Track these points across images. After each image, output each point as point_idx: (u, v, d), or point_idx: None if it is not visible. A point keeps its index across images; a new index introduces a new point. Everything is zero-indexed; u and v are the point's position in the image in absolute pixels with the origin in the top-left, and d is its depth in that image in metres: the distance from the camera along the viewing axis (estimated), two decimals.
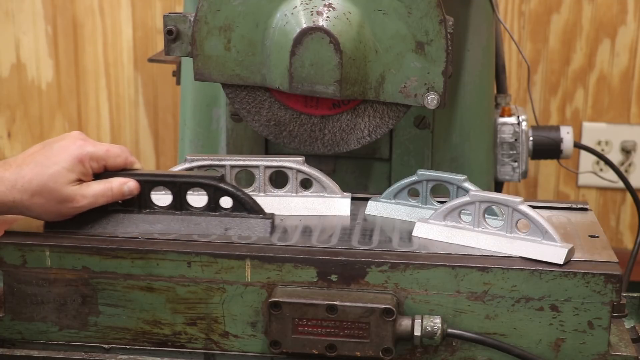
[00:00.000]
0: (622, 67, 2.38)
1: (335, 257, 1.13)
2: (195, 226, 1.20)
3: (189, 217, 1.20)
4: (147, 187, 1.20)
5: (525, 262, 1.12)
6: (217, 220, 1.20)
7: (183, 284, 1.15)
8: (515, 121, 1.70)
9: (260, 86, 1.26)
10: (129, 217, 1.20)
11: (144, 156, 2.56)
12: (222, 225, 1.19)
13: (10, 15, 2.47)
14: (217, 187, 1.19)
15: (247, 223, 1.20)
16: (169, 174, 1.21)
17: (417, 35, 1.20)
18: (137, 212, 1.20)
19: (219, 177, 1.19)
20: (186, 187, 1.20)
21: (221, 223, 1.20)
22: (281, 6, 1.21)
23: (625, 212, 2.50)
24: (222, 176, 1.20)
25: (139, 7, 2.45)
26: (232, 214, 1.20)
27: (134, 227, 1.20)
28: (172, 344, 1.17)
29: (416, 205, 1.28)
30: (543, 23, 2.37)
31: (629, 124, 2.42)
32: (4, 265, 1.17)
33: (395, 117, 1.27)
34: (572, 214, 1.33)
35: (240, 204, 1.20)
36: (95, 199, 1.16)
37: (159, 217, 1.20)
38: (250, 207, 1.20)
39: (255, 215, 1.20)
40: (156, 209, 1.21)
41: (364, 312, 1.10)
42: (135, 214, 1.20)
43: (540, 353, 1.12)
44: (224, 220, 1.20)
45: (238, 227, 1.19)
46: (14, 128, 2.56)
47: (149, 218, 1.20)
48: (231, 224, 1.20)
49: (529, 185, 2.49)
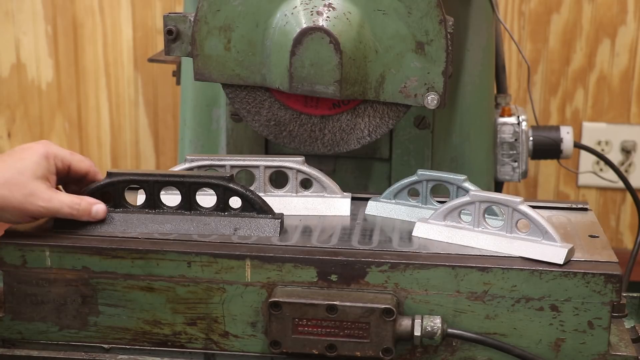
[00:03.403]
0: (622, 67, 2.38)
1: (335, 257, 1.13)
2: (205, 226, 1.20)
3: (199, 217, 1.20)
4: (156, 187, 1.20)
5: (525, 262, 1.12)
6: (226, 220, 1.20)
7: (183, 284, 1.15)
8: (515, 121, 1.70)
9: (260, 86, 1.26)
10: (138, 217, 1.20)
11: (144, 156, 2.56)
12: (232, 225, 1.19)
13: (10, 15, 2.47)
14: (226, 187, 1.19)
15: (257, 223, 1.20)
16: (178, 174, 1.21)
17: (417, 35, 1.20)
18: (147, 212, 1.21)
19: (229, 177, 1.19)
20: (195, 187, 1.20)
21: (230, 223, 1.20)
22: (281, 6, 1.21)
23: (625, 212, 2.50)
24: (232, 176, 1.20)
25: (139, 7, 2.45)
26: (242, 214, 1.20)
27: (143, 227, 1.20)
28: (172, 344, 1.17)
29: (416, 205, 1.28)
30: (543, 23, 2.37)
31: (629, 124, 2.42)
32: (4, 265, 1.17)
33: (395, 117, 1.27)
34: (572, 214, 1.33)
35: (250, 204, 1.20)
36: (60, 206, 1.16)
37: (168, 218, 1.20)
38: (259, 207, 1.20)
39: (265, 215, 1.20)
40: (165, 209, 1.21)
41: (364, 312, 1.10)
42: (144, 213, 1.21)
43: (540, 353, 1.12)
44: (233, 220, 1.20)
45: (247, 227, 1.19)
46: (14, 128, 2.56)
47: (159, 218, 1.20)
48: (240, 224, 1.20)
49: (529, 185, 2.49)
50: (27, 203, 1.14)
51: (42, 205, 1.15)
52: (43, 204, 1.15)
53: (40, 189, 1.15)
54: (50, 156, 1.17)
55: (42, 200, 1.15)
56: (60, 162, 1.19)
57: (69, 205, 1.17)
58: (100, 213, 1.19)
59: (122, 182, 1.21)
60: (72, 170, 1.21)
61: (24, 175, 1.14)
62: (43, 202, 1.15)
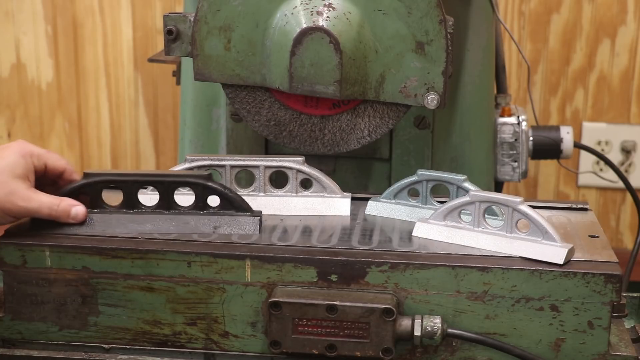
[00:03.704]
0: (622, 67, 2.38)
1: (335, 257, 1.13)
2: (185, 225, 1.20)
3: (178, 217, 1.20)
4: (134, 187, 1.20)
5: (525, 262, 1.12)
6: (206, 218, 1.20)
7: (183, 284, 1.15)
8: (515, 121, 1.70)
9: (260, 86, 1.26)
10: (117, 217, 1.20)
11: (144, 156, 2.56)
12: (211, 224, 1.20)
13: (10, 15, 2.47)
14: (205, 186, 1.19)
15: (236, 221, 1.20)
16: (156, 174, 1.21)
17: (417, 35, 1.20)
18: (125, 212, 1.20)
19: (207, 176, 1.19)
20: (174, 186, 1.20)
21: (210, 221, 1.20)
22: (281, 6, 1.21)
23: (625, 212, 2.50)
24: (210, 175, 1.20)
25: (139, 7, 2.45)
26: (221, 212, 1.20)
27: (122, 227, 1.20)
28: (172, 344, 1.17)
29: (416, 205, 1.28)
30: (543, 23, 2.37)
31: (629, 124, 2.42)
32: (4, 265, 1.17)
33: (395, 117, 1.27)
34: (572, 214, 1.33)
35: (228, 202, 1.20)
36: (39, 206, 1.15)
37: (147, 217, 1.20)
38: (238, 205, 1.20)
39: (244, 212, 1.20)
40: (144, 208, 1.21)
41: (364, 312, 1.10)
42: (123, 214, 1.20)
43: (540, 353, 1.12)
44: (212, 218, 1.20)
45: (227, 224, 1.20)
46: (14, 128, 2.56)
47: (138, 218, 1.20)
48: (220, 222, 1.20)
49: (529, 185, 2.49)
50: (7, 202, 1.14)
51: (22, 205, 1.14)
52: (22, 203, 1.14)
53: (20, 188, 1.14)
54: (27, 154, 1.17)
55: (22, 199, 1.14)
56: (37, 160, 1.18)
57: (48, 206, 1.16)
58: (80, 215, 1.18)
59: (99, 182, 1.20)
60: (48, 169, 1.20)
61: (3, 174, 1.13)
62: (22, 201, 1.14)
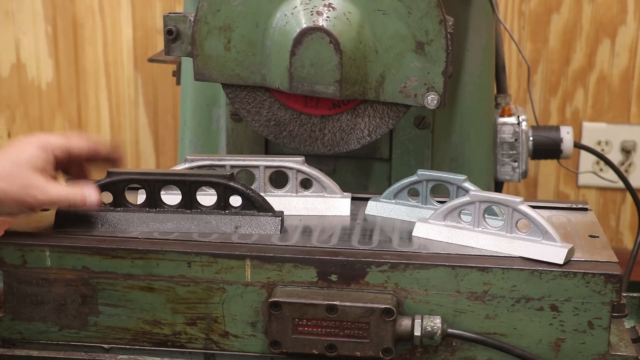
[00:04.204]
0: (622, 67, 2.38)
1: (335, 257, 1.13)
2: (206, 224, 1.20)
3: (200, 216, 1.20)
4: (157, 186, 1.21)
5: (525, 262, 1.12)
6: (227, 218, 1.20)
7: (183, 284, 1.15)
8: (515, 121, 1.70)
9: (260, 86, 1.26)
10: (139, 215, 1.21)
11: (144, 156, 2.56)
12: (233, 223, 1.20)
13: (10, 15, 2.47)
14: (227, 186, 1.19)
15: (258, 221, 1.20)
16: (179, 173, 1.22)
17: (417, 35, 1.20)
18: (148, 211, 1.21)
19: (229, 176, 1.20)
20: (196, 185, 1.21)
21: (231, 221, 1.20)
22: (281, 6, 1.21)
23: (625, 212, 2.50)
24: (232, 175, 1.20)
25: (139, 7, 2.45)
26: (242, 212, 1.20)
27: (144, 226, 1.20)
28: (172, 344, 1.17)
29: (416, 205, 1.28)
30: (543, 23, 2.37)
31: (629, 124, 2.42)
32: (4, 265, 1.17)
33: (395, 117, 1.27)
34: (572, 214, 1.33)
35: (250, 202, 1.20)
36: (57, 197, 1.16)
37: (169, 216, 1.20)
38: (260, 205, 1.20)
39: (265, 213, 1.20)
40: (166, 208, 1.21)
41: (364, 312, 1.10)
42: (145, 212, 1.21)
43: (540, 353, 1.12)
44: (234, 218, 1.20)
45: (248, 225, 1.20)
46: (14, 128, 2.56)
47: (160, 217, 1.21)
48: (241, 222, 1.20)
49: (529, 185, 2.49)
50: (24, 195, 1.14)
51: (39, 197, 1.15)
52: (40, 195, 1.15)
53: (38, 181, 1.15)
54: (48, 148, 1.18)
55: (40, 191, 1.15)
56: (59, 151, 1.19)
57: (64, 196, 1.17)
58: (92, 197, 1.18)
59: (123, 181, 1.21)
60: (72, 155, 1.21)
61: (21, 167, 1.14)
62: (40, 193, 1.15)
